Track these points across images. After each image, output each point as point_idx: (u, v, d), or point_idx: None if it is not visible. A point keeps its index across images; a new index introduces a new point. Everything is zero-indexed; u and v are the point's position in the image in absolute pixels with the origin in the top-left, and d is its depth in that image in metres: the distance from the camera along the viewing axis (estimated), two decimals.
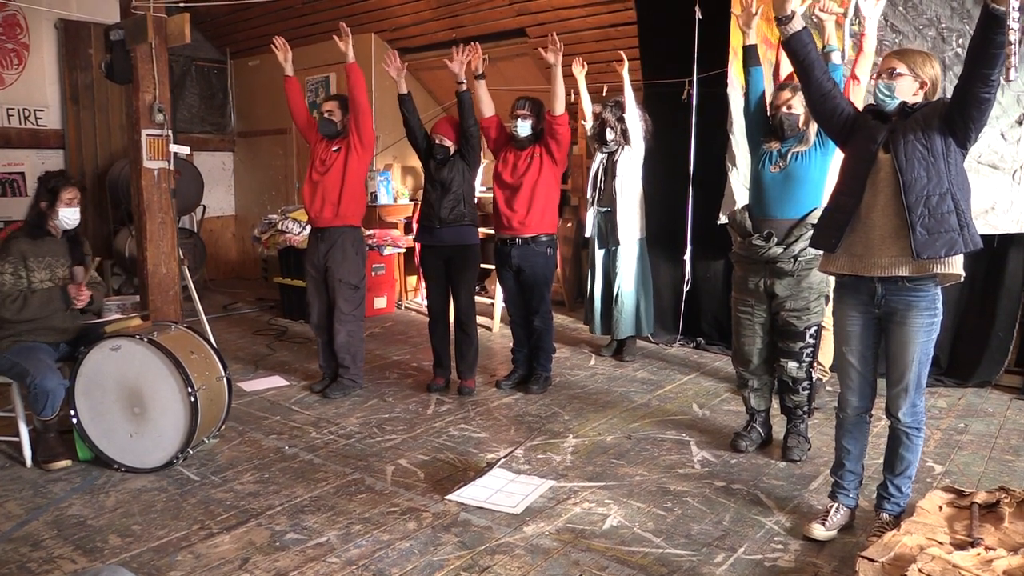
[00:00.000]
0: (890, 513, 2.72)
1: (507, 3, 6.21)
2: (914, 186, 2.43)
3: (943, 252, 2.42)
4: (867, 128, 2.58)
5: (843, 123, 2.67)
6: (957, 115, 2.40)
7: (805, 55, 2.67)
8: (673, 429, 3.87)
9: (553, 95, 4.18)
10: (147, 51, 4.32)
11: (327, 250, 4.29)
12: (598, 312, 5.23)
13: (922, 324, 2.56)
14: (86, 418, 3.32)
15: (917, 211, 2.43)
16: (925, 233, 2.42)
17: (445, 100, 7.27)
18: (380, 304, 6.72)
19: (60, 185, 3.49)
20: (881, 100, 2.57)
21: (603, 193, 5.06)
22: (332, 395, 4.36)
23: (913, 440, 2.67)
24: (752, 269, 3.40)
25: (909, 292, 2.55)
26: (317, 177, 4.29)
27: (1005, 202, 4.18)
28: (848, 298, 2.70)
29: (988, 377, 4.48)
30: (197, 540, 2.73)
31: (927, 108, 2.51)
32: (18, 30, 6.74)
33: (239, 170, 8.92)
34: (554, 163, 4.30)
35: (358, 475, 3.31)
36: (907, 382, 2.61)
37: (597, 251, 5.18)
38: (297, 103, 4.43)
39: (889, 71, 2.54)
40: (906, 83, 2.53)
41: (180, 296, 4.66)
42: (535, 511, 2.96)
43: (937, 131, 2.44)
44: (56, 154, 7.06)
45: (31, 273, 3.44)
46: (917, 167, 2.43)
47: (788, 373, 3.41)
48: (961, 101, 2.38)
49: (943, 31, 4.19)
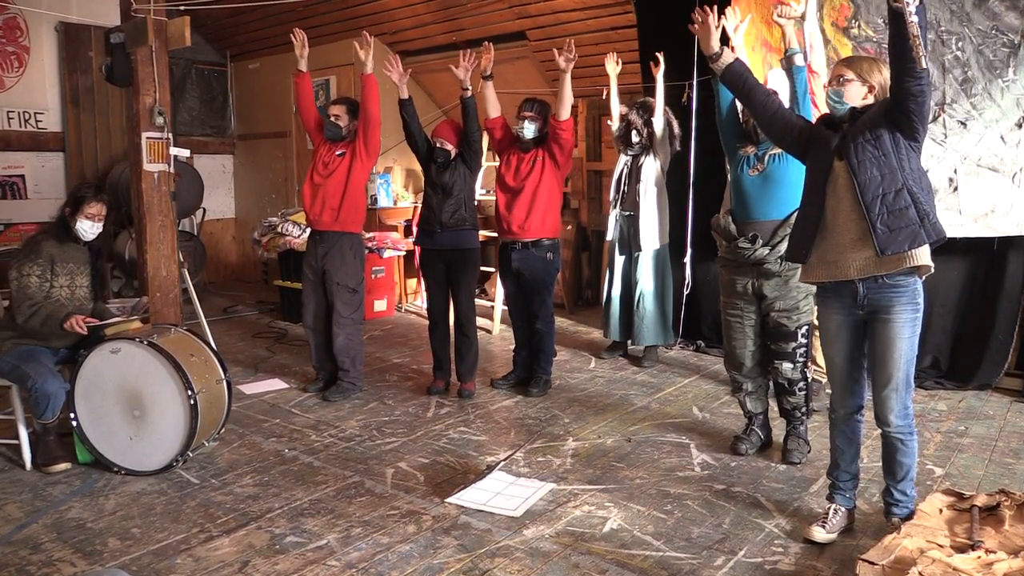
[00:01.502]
0: (900, 517, 2.71)
1: (507, 6, 6.23)
2: (869, 186, 2.51)
3: (907, 246, 2.49)
4: (821, 139, 2.67)
5: (797, 138, 2.76)
6: (897, 111, 2.48)
7: (742, 84, 2.84)
8: (673, 432, 3.87)
9: (560, 100, 4.17)
10: (147, 54, 4.33)
11: (325, 253, 4.29)
12: (615, 317, 5.15)
13: (906, 319, 2.58)
14: (86, 421, 3.32)
15: (875, 209, 2.50)
16: (886, 230, 2.49)
17: (445, 103, 7.27)
18: (380, 307, 6.72)
19: (86, 197, 3.46)
20: (833, 107, 2.66)
21: (626, 197, 5.01)
22: (332, 398, 4.35)
23: (908, 444, 2.67)
24: (739, 272, 3.42)
25: (890, 289, 2.58)
26: (319, 180, 4.29)
27: (1005, 205, 4.18)
28: (831, 302, 2.73)
29: (988, 380, 4.47)
30: (197, 543, 2.73)
31: (873, 109, 2.58)
32: (18, 33, 6.74)
33: (239, 173, 8.92)
34: (556, 167, 4.31)
35: (358, 478, 3.30)
36: (896, 381, 2.61)
37: (618, 256, 5.11)
38: (307, 100, 4.37)
39: (838, 78, 2.64)
40: (854, 88, 2.62)
41: (180, 299, 4.66)
42: (535, 514, 2.95)
43: (884, 129, 2.51)
44: (56, 157, 7.06)
45: (55, 278, 3.44)
46: (869, 168, 2.51)
47: (783, 375, 3.41)
48: (896, 97, 2.47)
49: (942, 34, 4.20)
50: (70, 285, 3.49)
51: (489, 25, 6.49)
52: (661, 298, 5.04)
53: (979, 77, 4.15)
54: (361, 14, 7.00)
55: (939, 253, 4.39)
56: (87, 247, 3.58)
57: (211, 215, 8.32)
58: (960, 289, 4.59)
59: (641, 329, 5.04)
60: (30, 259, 3.39)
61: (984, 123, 4.17)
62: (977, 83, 4.15)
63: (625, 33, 5.76)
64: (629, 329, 5.13)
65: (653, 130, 4.84)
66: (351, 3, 6.77)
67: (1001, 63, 4.09)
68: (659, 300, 5.03)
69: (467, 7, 6.41)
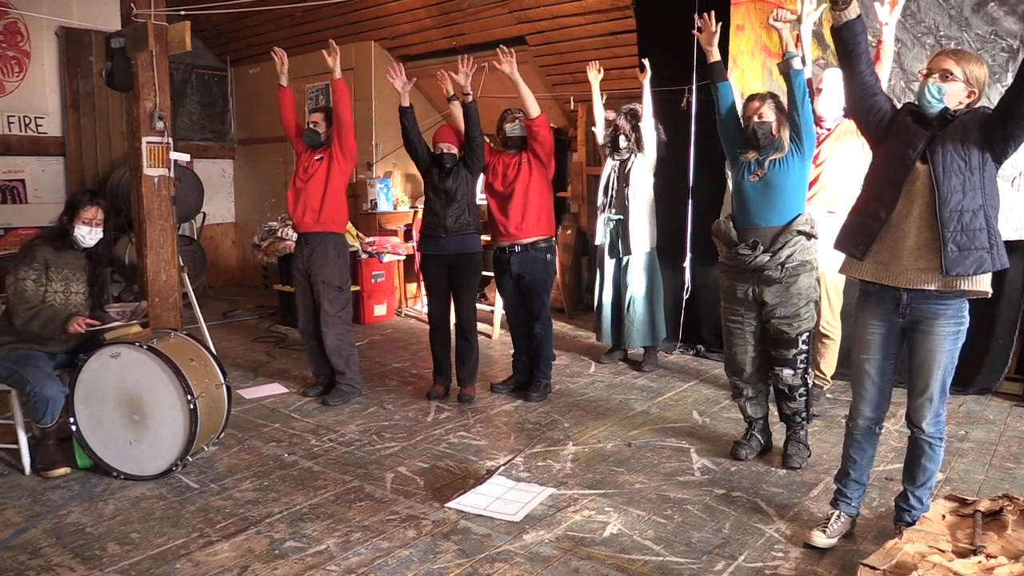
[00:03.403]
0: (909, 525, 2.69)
1: (507, 11, 6.23)
2: (949, 200, 2.37)
3: (972, 270, 2.38)
4: (906, 133, 2.48)
5: (879, 121, 2.58)
6: (999, 131, 2.33)
7: (855, 45, 2.54)
8: (673, 437, 3.87)
9: (523, 99, 4.23)
10: (148, 59, 4.34)
11: (310, 254, 4.34)
12: (607, 322, 5.17)
13: (948, 333, 2.51)
14: (85, 425, 3.31)
15: (950, 226, 2.37)
16: (956, 249, 2.37)
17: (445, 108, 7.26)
18: (380, 311, 6.72)
19: (82, 203, 3.49)
20: (928, 102, 2.44)
21: (615, 201, 5.01)
22: (332, 402, 4.35)
23: (936, 450, 2.65)
24: (740, 278, 3.41)
25: (935, 302, 2.49)
26: (300, 184, 4.36)
27: (1004, 209, 4.12)
28: (872, 306, 2.63)
29: (988, 384, 4.47)
30: (196, 548, 2.72)
31: (967, 117, 2.42)
32: (19, 37, 6.75)
33: (239, 177, 8.92)
34: (543, 166, 4.33)
35: (357, 483, 3.30)
36: (932, 392, 2.57)
37: (607, 260, 5.12)
38: (288, 112, 4.51)
39: (943, 73, 2.42)
40: (957, 88, 2.43)
41: (180, 303, 4.66)
42: (535, 519, 2.95)
43: (975, 143, 2.37)
44: (56, 161, 7.06)
45: (50, 283, 3.44)
46: (954, 180, 2.37)
47: (784, 381, 3.41)
48: (1007, 118, 2.30)
49: (941, 39, 4.21)
50: (64, 291, 3.49)
51: (489, 30, 6.50)
52: (651, 301, 5.05)
53: None
54: (361, 19, 7.01)
55: None
56: (85, 255, 3.58)
57: (211, 219, 8.33)
58: None
59: (631, 332, 5.06)
60: (26, 263, 3.40)
61: None
62: None
63: (625, 38, 5.77)
64: (620, 333, 5.15)
65: (641, 134, 4.86)
66: (351, 8, 6.78)
67: (1000, 68, 4.09)
68: (649, 303, 5.04)
69: (467, 12, 6.42)
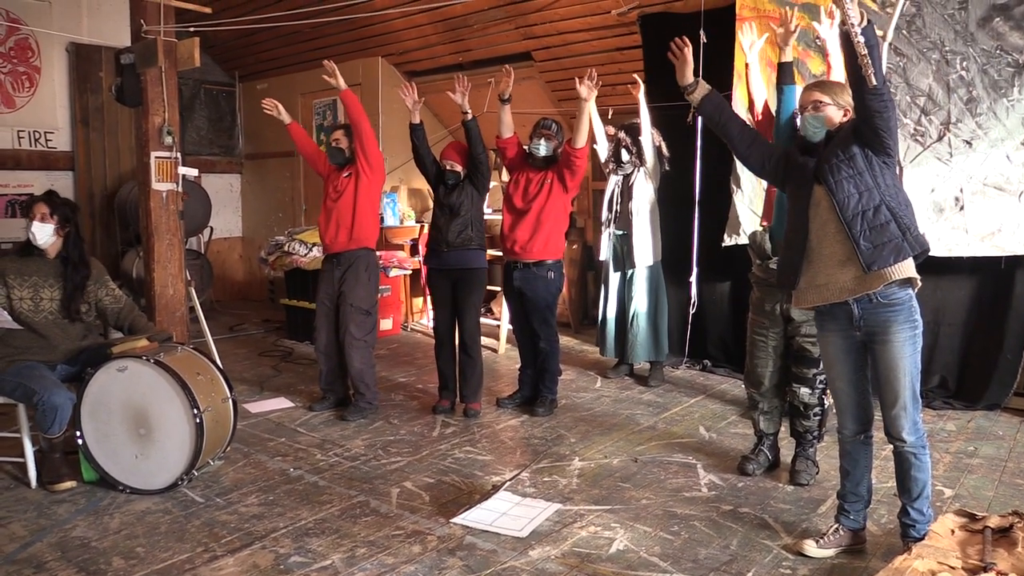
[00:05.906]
0: (917, 539, 2.67)
1: (514, 27, 6.27)
2: (848, 205, 2.54)
3: (891, 260, 2.51)
4: (798, 166, 2.70)
5: (775, 166, 2.80)
6: (865, 129, 2.53)
7: (719, 115, 2.84)
8: (680, 452, 3.85)
9: (578, 128, 4.19)
10: (157, 74, 4.39)
11: (342, 274, 4.33)
12: (611, 336, 5.18)
13: (906, 339, 2.58)
14: (92, 439, 3.32)
15: (857, 227, 2.53)
16: (870, 246, 2.52)
17: (452, 123, 7.31)
18: (386, 326, 6.73)
19: (32, 202, 3.53)
20: (812, 133, 2.68)
21: (619, 216, 5.04)
22: (350, 418, 4.35)
23: (921, 459, 2.65)
24: (769, 292, 3.40)
25: (885, 308, 2.58)
26: (331, 204, 4.37)
27: (1012, 223, 4.17)
28: (828, 324, 2.73)
29: (997, 400, 4.44)
30: (201, 563, 2.71)
31: (843, 130, 2.64)
32: (30, 53, 6.82)
33: (247, 192, 8.97)
34: (564, 191, 4.34)
35: (363, 498, 3.29)
36: (904, 400, 2.60)
37: (612, 274, 5.14)
38: (304, 143, 4.58)
39: (815, 104, 2.67)
40: (832, 111, 2.66)
41: (187, 317, 4.68)
42: (541, 535, 2.93)
43: (856, 148, 2.56)
44: (66, 176, 7.11)
45: (11, 291, 3.46)
46: (846, 186, 2.55)
47: (800, 399, 3.39)
48: (861, 116, 2.52)
49: (947, 54, 4.21)
50: (33, 298, 3.49)
51: (495, 46, 6.54)
52: (655, 315, 5.06)
53: (984, 96, 4.16)
54: (368, 35, 7.06)
55: (946, 272, 4.45)
56: (58, 258, 3.56)
57: (218, 234, 8.36)
58: (968, 308, 4.57)
59: (635, 346, 5.06)
60: None
61: (990, 142, 4.18)
62: (982, 102, 4.16)
63: (631, 54, 5.79)
64: (624, 347, 5.13)
65: (642, 148, 4.88)
66: (358, 24, 6.83)
67: (1006, 83, 4.10)
68: (653, 317, 5.06)
69: (473, 28, 6.46)
